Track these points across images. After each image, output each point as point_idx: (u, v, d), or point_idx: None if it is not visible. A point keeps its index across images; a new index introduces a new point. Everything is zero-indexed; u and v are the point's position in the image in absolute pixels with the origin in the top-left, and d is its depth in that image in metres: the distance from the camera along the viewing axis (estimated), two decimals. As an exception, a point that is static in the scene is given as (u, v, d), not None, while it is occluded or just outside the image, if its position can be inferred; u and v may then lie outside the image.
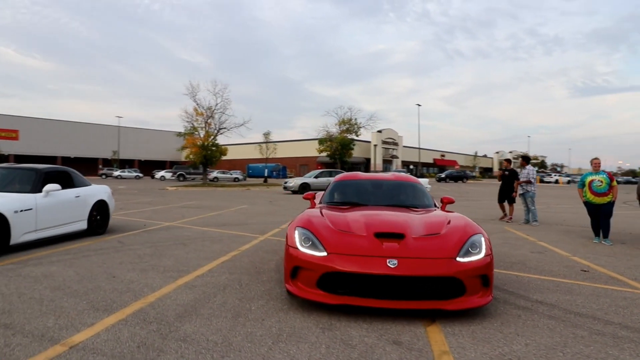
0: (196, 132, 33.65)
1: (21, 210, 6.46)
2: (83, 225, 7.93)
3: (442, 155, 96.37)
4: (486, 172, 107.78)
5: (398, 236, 4.15)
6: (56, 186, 7.09)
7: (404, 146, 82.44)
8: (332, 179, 23.38)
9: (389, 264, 3.78)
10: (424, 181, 24.17)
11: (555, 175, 77.55)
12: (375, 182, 6.16)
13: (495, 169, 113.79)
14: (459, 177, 58.57)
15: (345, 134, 45.41)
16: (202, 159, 33.30)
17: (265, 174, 40.15)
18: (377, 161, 73.90)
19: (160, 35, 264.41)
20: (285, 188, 26.15)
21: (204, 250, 6.97)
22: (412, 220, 4.57)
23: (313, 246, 4.11)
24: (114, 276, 5.22)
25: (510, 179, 12.17)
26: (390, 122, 53.79)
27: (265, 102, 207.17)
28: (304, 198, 6.14)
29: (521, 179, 11.59)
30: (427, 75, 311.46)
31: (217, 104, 33.62)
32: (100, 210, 8.43)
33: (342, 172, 28.19)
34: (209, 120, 33.55)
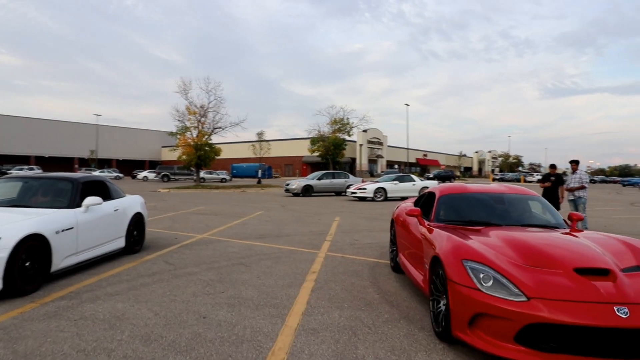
0: (189, 132, 32.21)
1: (62, 230, 5.36)
2: (121, 243, 6.83)
3: (425, 155, 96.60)
4: (466, 171, 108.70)
5: (603, 272, 3.31)
6: (97, 199, 5.99)
7: (389, 146, 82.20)
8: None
9: (618, 313, 2.93)
10: (432, 183, 23.51)
11: (536, 175, 78.56)
12: (495, 196, 5.29)
13: (475, 168, 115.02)
14: (447, 177, 58.43)
15: (336, 134, 44.52)
16: (196, 160, 31.89)
17: (259, 175, 38.95)
18: (362, 161, 73.40)
19: (134, 32, 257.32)
20: (287, 190, 25.11)
21: (275, 274, 6.00)
22: (597, 248, 3.75)
23: (500, 287, 3.22)
24: (204, 316, 4.22)
25: (556, 184, 11.55)
26: (368, 122, 52.88)
27: (242, 100, 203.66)
28: (409, 214, 5.19)
29: (572, 184, 10.96)
30: (402, 75, 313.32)
31: (209, 102, 32.29)
32: (137, 225, 7.33)
33: (344, 173, 27.43)
34: (202, 119, 32.19)
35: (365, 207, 17.77)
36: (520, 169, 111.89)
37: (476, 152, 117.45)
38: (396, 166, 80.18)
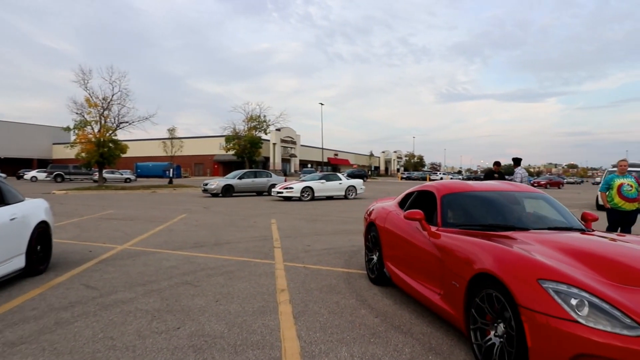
0: (89, 126, 28.62)
1: None
2: (20, 262, 5.13)
3: (336, 155, 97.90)
4: (375, 170, 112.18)
5: None
6: (-14, 205, 4.33)
7: (301, 145, 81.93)
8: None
9: None
10: (357, 182, 23.15)
11: (440, 174, 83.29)
12: (508, 194, 4.57)
13: (382, 167, 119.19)
14: (360, 175, 59.38)
15: (253, 132, 42.85)
16: (98, 158, 28.41)
17: (170, 175, 36.05)
18: (276, 160, 72.26)
19: (16, 17, 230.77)
20: (204, 190, 23.25)
21: (236, 296, 4.79)
22: None
23: (602, 316, 2.42)
24: (166, 372, 2.95)
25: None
26: (285, 120, 51.73)
27: (145, 96, 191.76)
28: (409, 218, 4.26)
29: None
30: (309, 76, 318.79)
31: (114, 94, 28.98)
32: (41, 238, 5.64)
33: (266, 172, 26.19)
34: (105, 113, 28.77)
35: (295, 207, 16.78)
36: (425, 168, 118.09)
37: (383, 152, 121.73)
38: (309, 165, 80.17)
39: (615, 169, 20.27)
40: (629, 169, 7.85)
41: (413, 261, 4.33)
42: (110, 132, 29.19)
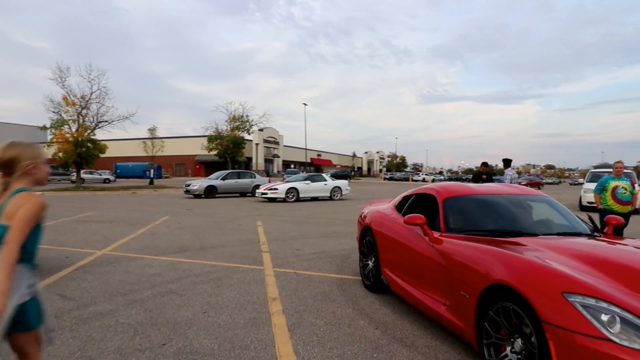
0: (66, 125, 27.75)
1: None
2: (-11, 271, 4.73)
3: (319, 155, 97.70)
4: (358, 170, 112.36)
5: None
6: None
7: (284, 145, 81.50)
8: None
9: None
10: (342, 183, 22.94)
11: (422, 174, 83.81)
12: (512, 198, 4.36)
13: (365, 168, 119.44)
14: (344, 175, 59.33)
15: (235, 132, 42.29)
16: (75, 158, 27.57)
17: (151, 175, 35.29)
18: (259, 160, 71.67)
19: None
20: (187, 191, 22.76)
21: (225, 306, 4.50)
22: None
23: (635, 332, 2.21)
24: (152, 398, 2.65)
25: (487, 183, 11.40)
26: (269, 120, 51.61)
27: (124, 95, 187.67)
28: (409, 223, 4.00)
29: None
30: (292, 76, 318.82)
31: (92, 93, 28.16)
32: (12, 244, 5.23)
33: (250, 173, 25.80)
34: (83, 112, 27.94)
35: (281, 209, 16.48)
36: (407, 169, 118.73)
37: (365, 152, 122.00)
38: (293, 166, 79.78)
39: (598, 170, 20.32)
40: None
41: (414, 268, 4.11)
42: (89, 131, 28.40)
